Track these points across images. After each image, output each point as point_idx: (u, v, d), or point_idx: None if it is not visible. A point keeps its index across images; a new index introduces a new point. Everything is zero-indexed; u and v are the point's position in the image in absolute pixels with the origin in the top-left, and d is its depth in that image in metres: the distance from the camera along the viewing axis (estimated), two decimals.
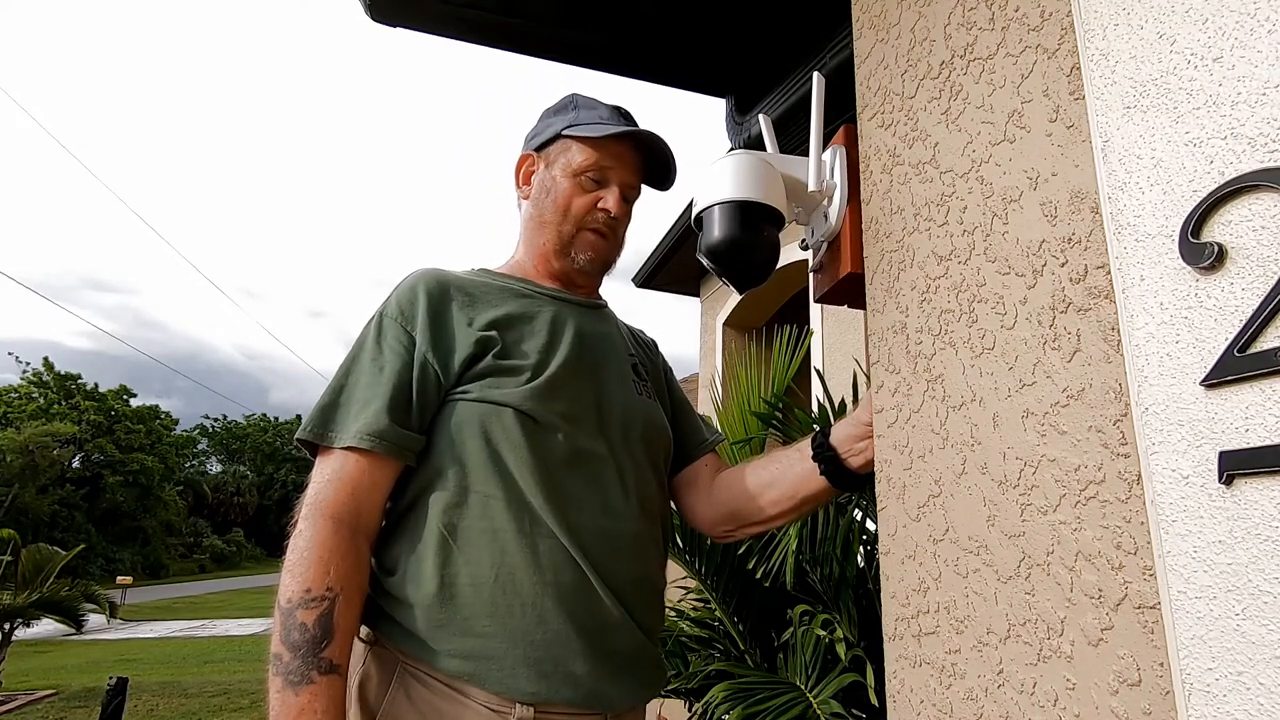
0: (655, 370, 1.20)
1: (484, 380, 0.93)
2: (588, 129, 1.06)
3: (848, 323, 3.16)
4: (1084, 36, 0.60)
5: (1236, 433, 0.45)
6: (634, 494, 0.98)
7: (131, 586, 21.10)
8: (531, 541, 0.88)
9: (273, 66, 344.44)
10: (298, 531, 0.84)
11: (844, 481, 1.00)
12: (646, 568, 0.99)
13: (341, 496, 0.86)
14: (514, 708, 0.84)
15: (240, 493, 50.10)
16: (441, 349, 0.94)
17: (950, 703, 0.70)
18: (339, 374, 0.95)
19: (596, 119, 1.08)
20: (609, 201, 1.06)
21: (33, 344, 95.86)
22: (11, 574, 7.62)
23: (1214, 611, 0.45)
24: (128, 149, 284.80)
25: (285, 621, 0.80)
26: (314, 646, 0.79)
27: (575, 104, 1.12)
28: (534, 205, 1.10)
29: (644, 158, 1.11)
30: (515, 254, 1.14)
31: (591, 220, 1.06)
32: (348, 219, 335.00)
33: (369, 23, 1.64)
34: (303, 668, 0.78)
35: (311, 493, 0.87)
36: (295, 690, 0.77)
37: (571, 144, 1.08)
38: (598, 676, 0.88)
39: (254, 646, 11.99)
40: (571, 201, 1.06)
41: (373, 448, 0.87)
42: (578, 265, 1.07)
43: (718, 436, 1.23)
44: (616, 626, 0.91)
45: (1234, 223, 0.47)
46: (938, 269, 0.77)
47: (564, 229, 1.06)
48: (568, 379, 0.97)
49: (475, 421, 0.91)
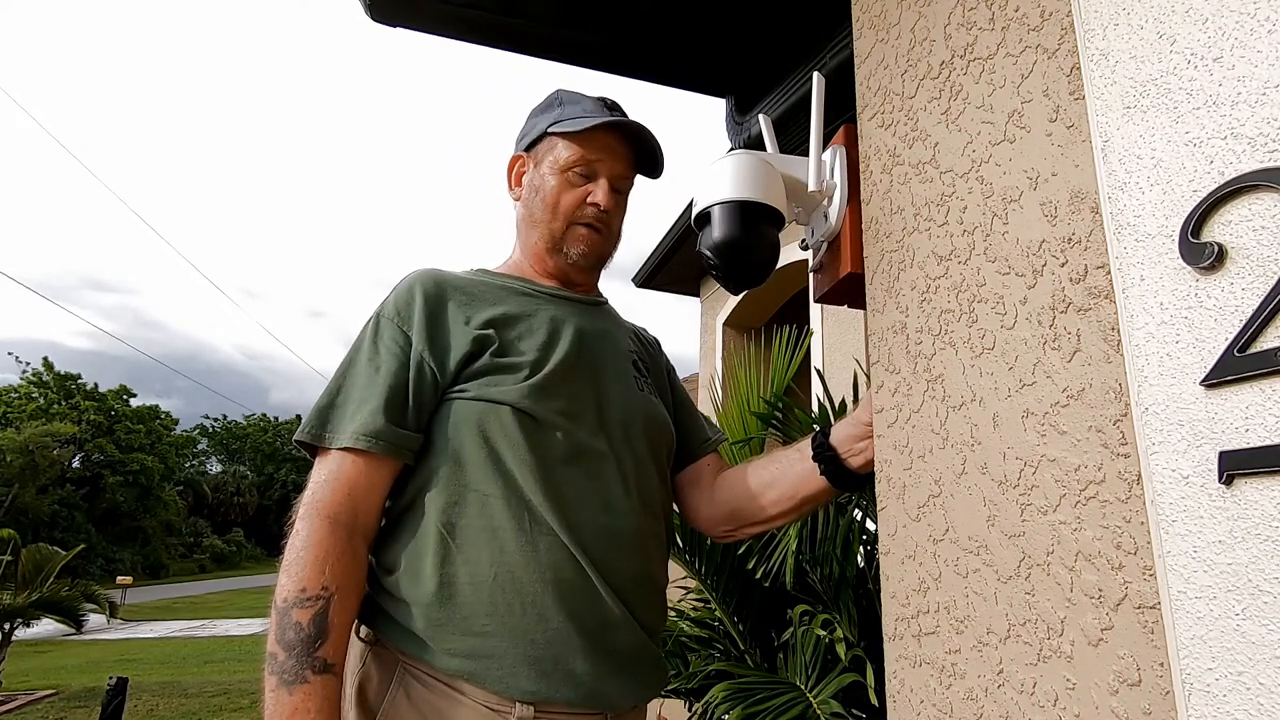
0: (657, 368, 1.19)
1: (482, 379, 0.93)
2: (571, 124, 1.05)
3: (848, 323, 3.16)
4: (1084, 36, 0.60)
5: (1236, 433, 0.45)
6: (635, 490, 0.98)
7: (131, 586, 21.10)
8: (531, 539, 0.88)
9: (273, 66, 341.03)
10: (295, 531, 0.85)
11: (844, 481, 1.00)
12: (648, 565, 0.98)
13: (338, 496, 0.86)
14: (514, 707, 0.83)
15: (240, 493, 50.10)
16: (438, 348, 0.94)
17: (950, 703, 0.70)
18: (336, 376, 0.95)
19: (581, 113, 1.07)
20: (598, 195, 1.05)
21: (33, 344, 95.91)
22: (11, 574, 7.62)
23: (1214, 611, 0.45)
24: (128, 149, 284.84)
25: (280, 621, 0.80)
26: (309, 646, 0.79)
27: (560, 100, 1.11)
28: (525, 205, 1.10)
29: (633, 147, 1.10)
30: (512, 254, 1.14)
31: (581, 215, 1.06)
32: (348, 219, 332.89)
33: (369, 23, 1.64)
34: (297, 667, 0.78)
35: (309, 493, 0.87)
36: (289, 689, 0.77)
37: (557, 140, 1.07)
38: (598, 675, 0.88)
39: (254, 646, 11.99)
40: (560, 198, 1.05)
41: (369, 448, 0.87)
42: (571, 261, 1.07)
43: (720, 435, 1.23)
44: (617, 625, 0.91)
45: (1234, 223, 0.47)
46: (938, 269, 0.77)
47: (554, 226, 1.06)
48: (566, 376, 0.96)
49: (473, 420, 0.91)
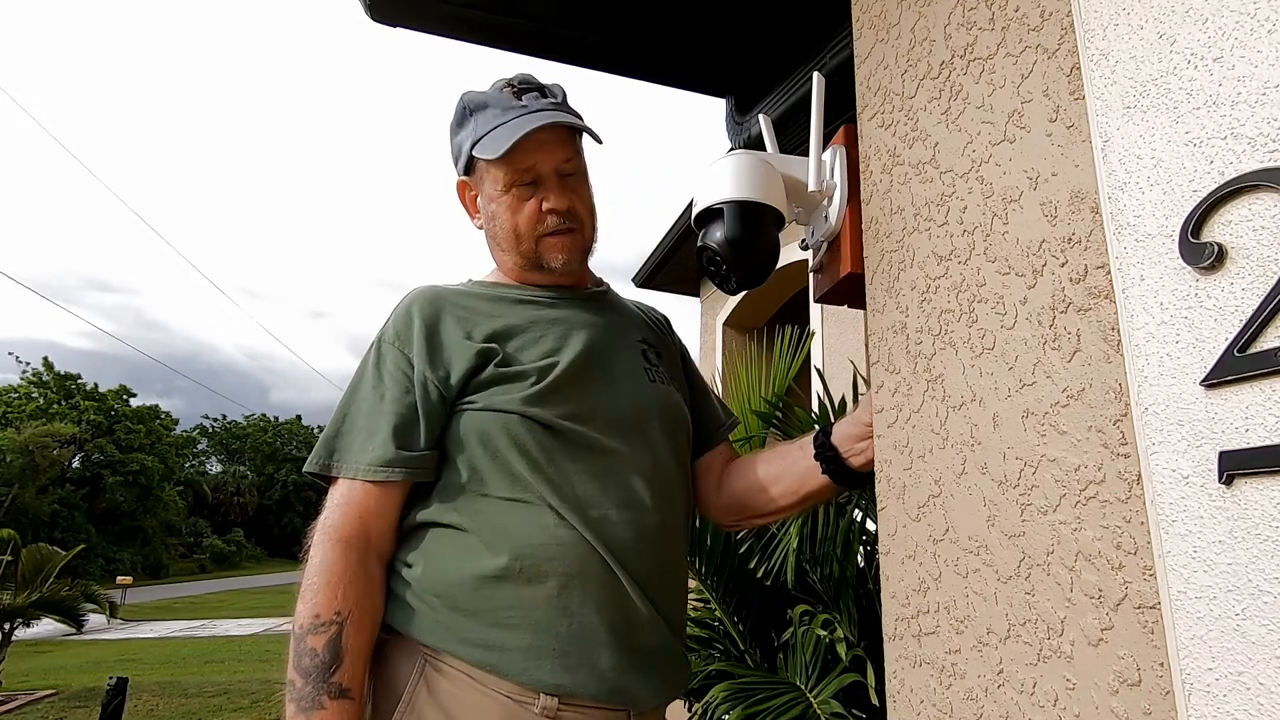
0: (669, 352, 1.17)
1: (488, 390, 0.93)
2: (489, 145, 0.97)
3: (848, 323, 3.16)
4: (1084, 36, 0.60)
5: (1236, 433, 0.45)
6: (654, 486, 0.98)
7: (131, 586, 21.09)
8: (555, 535, 0.88)
9: (273, 66, 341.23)
10: (310, 557, 0.86)
11: (845, 479, 1.01)
12: (670, 560, 0.99)
13: (350, 520, 0.88)
14: (538, 697, 0.84)
15: (240, 493, 50.11)
16: (439, 366, 0.94)
17: (950, 703, 0.70)
18: (342, 404, 0.96)
19: (493, 121, 0.99)
20: (550, 199, 1.00)
21: (33, 344, 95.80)
22: (11, 574, 7.62)
23: (1214, 611, 0.45)
24: (128, 149, 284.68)
25: (297, 647, 0.81)
26: (324, 672, 0.80)
27: (469, 109, 1.03)
28: (488, 231, 1.07)
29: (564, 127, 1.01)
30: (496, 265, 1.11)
31: (544, 227, 1.01)
32: (350, 219, 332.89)
33: (369, 23, 1.64)
34: (314, 693, 0.79)
35: (322, 518, 0.89)
36: (307, 715, 0.78)
37: (483, 165, 1.01)
38: (622, 670, 0.88)
39: (254, 646, 11.99)
40: (516, 221, 1.01)
41: (385, 479, 0.89)
42: (554, 269, 1.04)
43: (734, 420, 1.22)
44: (644, 622, 0.92)
45: (1234, 223, 0.47)
46: (938, 269, 0.77)
47: (524, 248, 1.03)
48: (574, 380, 0.96)
49: (482, 430, 0.92)
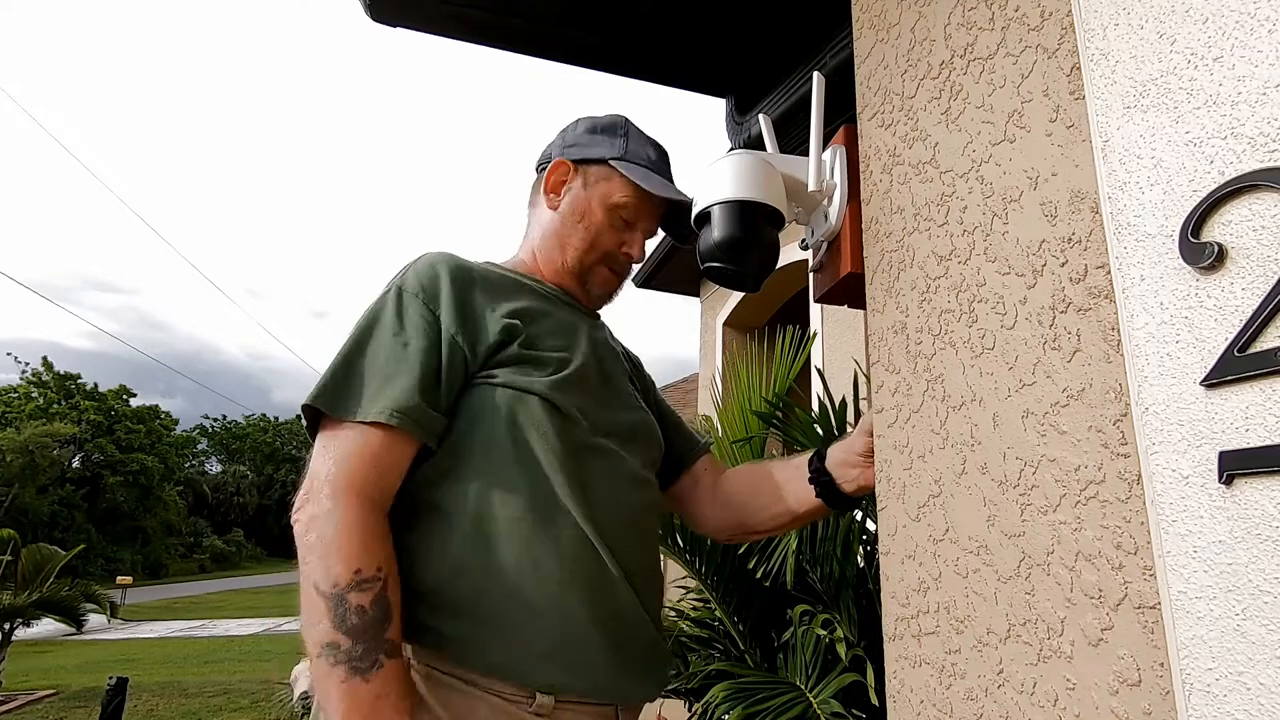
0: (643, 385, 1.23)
1: (511, 367, 0.92)
2: (637, 171, 1.05)
3: (848, 323, 3.16)
4: (1084, 36, 0.60)
5: (1236, 433, 0.45)
6: (642, 491, 1.01)
7: (131, 586, 21.09)
8: (554, 530, 0.87)
9: (274, 66, 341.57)
10: (323, 511, 0.78)
11: (839, 504, 1.07)
12: (654, 559, 1.03)
13: (368, 472, 0.81)
14: (534, 697, 0.83)
15: (240, 493, 50.10)
16: (469, 331, 0.92)
17: (950, 703, 0.70)
18: (351, 346, 0.88)
19: (645, 160, 1.08)
20: (634, 247, 1.08)
21: (33, 344, 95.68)
22: (11, 574, 7.62)
23: (1214, 611, 0.45)
24: (128, 149, 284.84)
25: (336, 608, 0.75)
26: (378, 628, 0.75)
27: (626, 132, 1.10)
28: (560, 220, 1.08)
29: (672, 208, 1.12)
30: (520, 252, 1.12)
31: (614, 260, 1.08)
32: (351, 219, 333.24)
33: (369, 23, 1.64)
34: (370, 652, 0.74)
35: (329, 468, 0.80)
36: (365, 677, 0.73)
37: (616, 177, 1.06)
38: (614, 667, 0.88)
39: (254, 646, 11.99)
40: (601, 236, 1.06)
41: (401, 425, 0.83)
42: (592, 295, 1.10)
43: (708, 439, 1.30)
44: (632, 618, 0.92)
45: (1234, 223, 0.47)
46: (938, 269, 0.77)
47: (587, 259, 1.07)
48: (584, 378, 0.98)
49: (504, 406, 0.89)
